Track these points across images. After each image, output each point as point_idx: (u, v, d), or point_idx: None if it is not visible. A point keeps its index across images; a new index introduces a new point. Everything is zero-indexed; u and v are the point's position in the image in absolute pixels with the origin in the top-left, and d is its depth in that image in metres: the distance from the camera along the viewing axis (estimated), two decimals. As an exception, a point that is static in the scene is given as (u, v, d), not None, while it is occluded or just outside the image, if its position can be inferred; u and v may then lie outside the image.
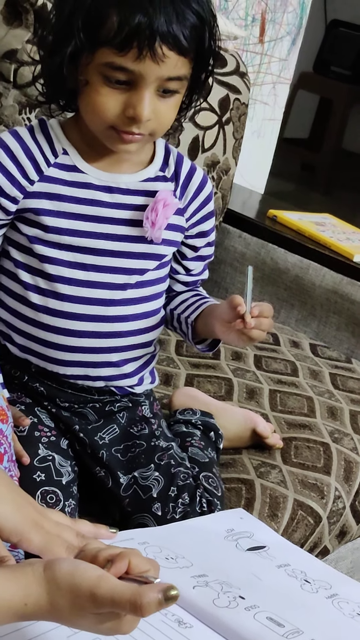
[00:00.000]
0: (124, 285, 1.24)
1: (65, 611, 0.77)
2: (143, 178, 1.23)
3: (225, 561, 1.05)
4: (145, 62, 1.07)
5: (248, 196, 2.40)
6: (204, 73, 1.17)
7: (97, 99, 1.11)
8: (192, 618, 0.93)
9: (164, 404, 1.48)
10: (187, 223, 1.28)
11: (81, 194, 1.20)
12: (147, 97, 1.10)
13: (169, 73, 1.10)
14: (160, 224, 1.21)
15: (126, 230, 1.22)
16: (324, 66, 5.68)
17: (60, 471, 1.19)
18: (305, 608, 0.99)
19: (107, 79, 1.10)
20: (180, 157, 1.27)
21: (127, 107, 1.11)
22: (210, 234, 1.33)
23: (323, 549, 1.48)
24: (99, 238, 1.21)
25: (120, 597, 0.75)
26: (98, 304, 1.23)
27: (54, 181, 1.19)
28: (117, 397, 1.29)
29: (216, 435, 1.39)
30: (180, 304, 1.33)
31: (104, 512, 1.26)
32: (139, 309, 1.26)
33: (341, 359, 1.92)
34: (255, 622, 0.93)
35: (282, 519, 1.37)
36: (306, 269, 2.08)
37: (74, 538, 0.89)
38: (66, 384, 1.26)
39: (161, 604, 0.74)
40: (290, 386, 1.71)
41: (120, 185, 1.21)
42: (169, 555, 1.02)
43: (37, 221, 1.20)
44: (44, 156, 1.19)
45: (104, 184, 1.21)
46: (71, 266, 1.21)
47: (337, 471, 1.49)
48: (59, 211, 1.19)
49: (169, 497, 1.23)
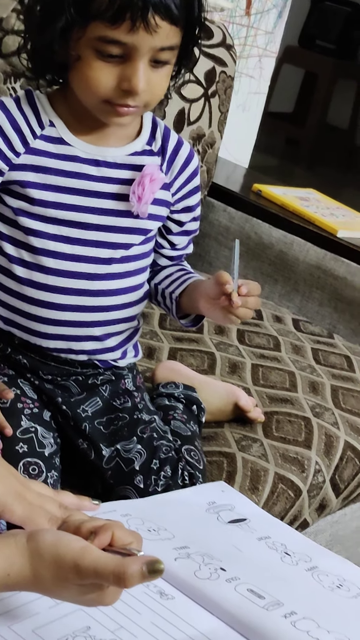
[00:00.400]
0: (109, 259, 1.23)
1: (48, 582, 0.77)
2: (130, 152, 1.22)
3: (207, 533, 1.06)
4: (139, 33, 1.07)
5: (232, 170, 2.39)
6: (192, 42, 1.17)
7: (90, 73, 1.10)
8: (174, 590, 0.94)
9: (146, 377, 1.48)
10: (172, 198, 1.28)
11: (67, 167, 1.19)
12: (142, 69, 1.09)
13: (162, 43, 1.09)
14: (147, 199, 1.21)
15: (112, 204, 1.22)
16: (309, 40, 5.67)
17: (43, 443, 1.19)
18: (285, 580, 1.00)
19: (99, 53, 1.09)
20: (167, 130, 1.27)
21: (122, 80, 1.10)
22: (196, 208, 1.32)
23: (303, 522, 1.49)
24: (85, 212, 1.20)
25: (104, 568, 0.75)
26: (82, 278, 1.22)
27: (40, 153, 1.19)
28: (100, 370, 1.29)
29: (198, 408, 1.40)
30: (165, 278, 1.33)
31: (86, 484, 1.27)
32: (124, 284, 1.26)
33: (323, 334, 1.93)
34: (236, 593, 0.94)
35: (262, 492, 1.38)
36: (290, 244, 2.09)
37: (56, 509, 0.89)
38: (49, 356, 1.26)
39: (145, 576, 0.75)
40: (272, 361, 1.72)
41: (107, 159, 1.21)
42: (151, 528, 1.02)
43: (23, 193, 1.19)
44: (30, 128, 1.18)
45: (90, 157, 1.20)
46: (56, 239, 1.20)
47: (318, 445, 1.50)
48: (45, 184, 1.19)
49: (151, 470, 1.23)
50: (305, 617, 0.92)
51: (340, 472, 1.53)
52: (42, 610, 0.85)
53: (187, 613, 0.91)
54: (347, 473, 1.54)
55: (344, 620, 0.94)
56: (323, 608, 0.95)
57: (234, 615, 0.91)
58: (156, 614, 0.89)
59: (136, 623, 0.87)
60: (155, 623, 0.88)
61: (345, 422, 1.58)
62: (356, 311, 2.02)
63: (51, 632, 0.84)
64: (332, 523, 1.67)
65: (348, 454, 1.54)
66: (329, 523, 1.66)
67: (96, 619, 0.86)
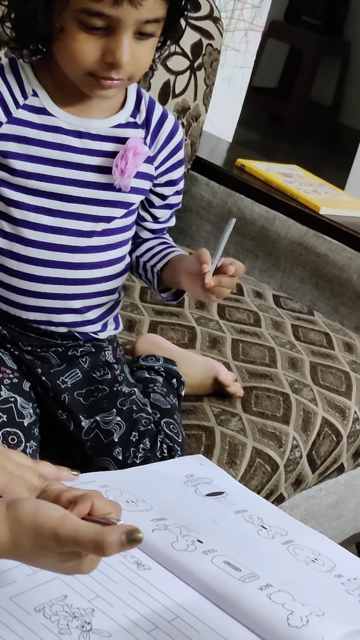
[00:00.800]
0: (90, 232, 1.23)
1: (28, 550, 0.78)
2: (114, 124, 1.22)
3: (185, 506, 1.07)
4: (123, 6, 1.05)
5: (216, 144, 2.38)
6: (178, 14, 1.16)
7: (73, 46, 1.09)
8: (151, 560, 0.94)
9: (127, 349, 1.48)
10: (156, 171, 1.27)
11: (50, 138, 1.18)
12: (126, 42, 1.08)
13: (147, 16, 1.08)
14: (130, 173, 1.20)
15: (94, 177, 1.21)
16: (295, 15, 5.65)
17: (22, 413, 1.19)
18: (261, 553, 1.00)
19: (83, 25, 1.07)
20: (152, 102, 1.26)
21: (106, 53, 1.09)
22: (179, 182, 1.32)
23: (279, 496, 1.50)
24: (67, 184, 1.20)
25: (83, 536, 0.75)
26: (63, 250, 1.22)
27: (23, 123, 1.18)
28: (80, 342, 1.29)
29: (178, 382, 1.40)
30: (147, 251, 1.32)
31: (65, 454, 1.27)
32: (105, 257, 1.26)
33: (303, 310, 1.94)
34: (212, 565, 0.94)
35: (240, 466, 1.39)
36: (272, 219, 2.09)
37: (35, 479, 0.89)
38: (29, 328, 1.25)
39: (124, 545, 0.75)
40: (252, 336, 1.73)
41: (90, 131, 1.20)
42: (130, 499, 1.03)
43: (5, 164, 1.18)
44: (13, 97, 1.17)
45: (73, 128, 1.19)
46: (37, 211, 1.20)
47: (296, 421, 1.51)
48: (27, 155, 1.18)
49: (130, 442, 1.24)
50: (281, 589, 0.93)
51: (317, 448, 1.54)
52: (19, 579, 0.86)
53: (164, 584, 0.92)
54: (323, 449, 1.55)
55: (318, 593, 0.95)
56: (298, 581, 0.96)
57: (210, 586, 0.92)
58: (133, 584, 0.90)
59: (113, 592, 0.88)
60: (132, 593, 0.89)
61: (323, 399, 1.59)
62: (336, 289, 2.02)
63: (28, 600, 0.84)
64: (308, 498, 1.69)
65: (325, 430, 1.55)
66: (304, 498, 1.67)
67: (73, 587, 0.87)
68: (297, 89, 5.59)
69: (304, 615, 0.90)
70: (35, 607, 0.83)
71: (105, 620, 0.84)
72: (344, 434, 1.59)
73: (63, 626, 0.82)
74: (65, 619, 0.83)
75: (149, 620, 0.86)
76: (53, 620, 0.83)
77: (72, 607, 0.84)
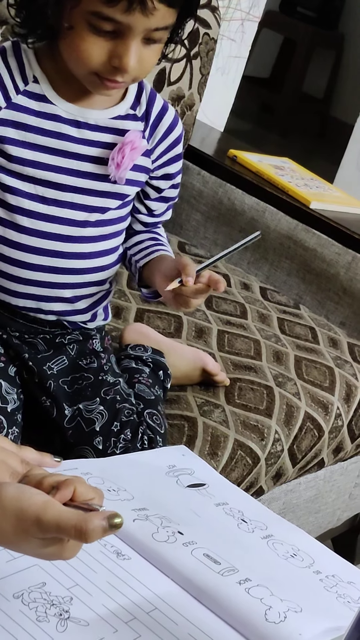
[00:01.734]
0: (83, 222, 1.22)
1: (9, 534, 0.77)
2: (113, 115, 1.21)
3: (166, 496, 1.07)
4: (135, 14, 1.04)
5: (208, 133, 2.38)
6: (187, 19, 1.15)
7: (81, 45, 1.08)
8: (131, 550, 0.94)
9: (113, 337, 1.48)
10: (152, 164, 1.27)
11: (48, 126, 1.18)
12: (134, 48, 1.08)
13: (157, 24, 1.07)
14: (126, 166, 1.20)
15: (91, 167, 1.20)
16: (290, 6, 5.63)
17: (7, 398, 1.19)
18: (241, 547, 1.00)
19: (92, 27, 1.07)
20: (153, 94, 1.25)
21: (113, 56, 1.08)
22: (176, 176, 1.31)
23: (258, 489, 1.50)
24: (62, 173, 1.19)
25: (66, 522, 0.75)
26: (56, 239, 1.21)
27: (22, 109, 1.17)
28: (68, 331, 1.29)
29: (165, 374, 1.40)
30: (135, 244, 1.32)
31: (46, 440, 1.26)
32: (97, 247, 1.25)
33: (290, 304, 1.94)
34: (192, 558, 0.94)
35: (221, 458, 1.39)
36: (262, 212, 2.08)
37: (18, 464, 0.89)
38: (18, 314, 1.25)
39: (105, 530, 0.75)
40: (238, 328, 1.73)
41: (89, 121, 1.19)
42: (111, 487, 1.03)
43: (1, 149, 1.17)
44: (13, 82, 1.16)
45: (72, 117, 1.18)
46: (32, 198, 1.19)
47: (279, 414, 1.51)
48: (24, 141, 1.17)
49: (111, 432, 1.23)
50: (260, 584, 0.93)
51: (299, 442, 1.54)
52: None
53: (143, 574, 0.91)
54: (305, 443, 1.55)
55: (296, 589, 0.95)
56: (277, 576, 0.96)
57: (190, 579, 0.92)
58: (112, 574, 0.90)
59: (92, 582, 0.88)
60: (111, 582, 0.89)
61: (306, 394, 1.60)
62: (323, 283, 2.03)
63: (7, 586, 0.84)
64: (287, 492, 1.69)
65: (307, 424, 1.56)
66: (283, 491, 1.68)
67: (52, 575, 0.87)
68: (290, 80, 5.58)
69: (281, 611, 0.90)
70: (13, 594, 0.83)
71: (83, 609, 0.84)
72: (325, 430, 1.59)
73: (41, 613, 0.82)
74: (43, 607, 0.83)
75: (127, 611, 0.86)
76: (31, 607, 0.82)
77: (50, 595, 0.84)
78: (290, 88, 5.57)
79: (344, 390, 1.67)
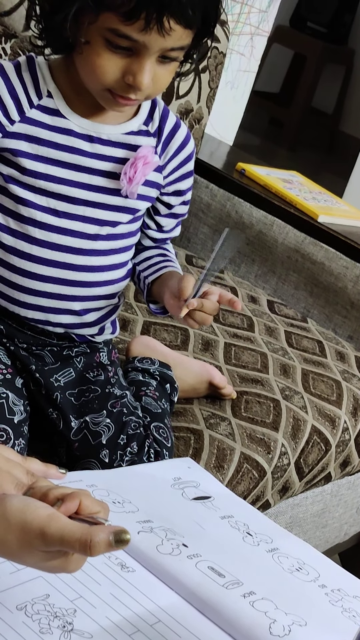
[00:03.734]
0: (94, 235, 1.23)
1: (13, 546, 0.77)
2: (126, 131, 1.21)
3: (171, 509, 1.06)
4: (151, 34, 1.04)
5: (217, 147, 2.39)
6: (204, 39, 1.14)
7: (96, 61, 1.08)
8: (135, 563, 0.94)
9: (119, 349, 1.48)
10: (164, 180, 1.27)
11: (61, 140, 1.18)
12: (148, 67, 1.08)
13: (173, 44, 1.07)
14: (137, 181, 1.20)
15: (102, 181, 1.21)
16: (300, 21, 5.64)
17: (13, 410, 1.19)
18: (246, 560, 1.00)
19: (109, 43, 1.07)
20: (166, 111, 1.26)
21: (127, 73, 1.08)
22: (186, 193, 1.31)
23: (265, 503, 1.50)
24: (74, 186, 1.20)
25: (70, 536, 0.75)
26: (67, 252, 1.22)
27: (35, 124, 1.17)
28: (75, 343, 1.29)
29: (172, 387, 1.39)
30: (144, 260, 1.32)
31: (52, 452, 1.26)
32: (107, 261, 1.25)
33: (297, 317, 1.93)
34: (196, 570, 0.94)
35: (227, 471, 1.38)
36: (270, 225, 2.08)
37: (23, 476, 0.88)
38: (26, 325, 1.25)
39: (111, 545, 0.75)
40: (245, 341, 1.72)
41: (102, 136, 1.20)
42: (116, 500, 1.02)
43: (15, 162, 1.18)
44: (27, 96, 1.17)
45: (85, 132, 1.19)
46: (44, 210, 1.20)
47: (285, 428, 1.51)
48: (37, 155, 1.18)
49: (117, 445, 1.23)
50: (264, 597, 0.93)
51: (306, 456, 1.53)
52: (1, 576, 0.85)
53: (147, 587, 0.91)
54: (312, 457, 1.55)
55: (301, 603, 0.95)
56: (282, 590, 0.96)
57: (194, 591, 0.92)
58: (116, 586, 0.90)
59: (95, 594, 0.88)
60: (115, 595, 0.88)
61: (314, 407, 1.59)
62: (331, 297, 2.02)
63: (10, 597, 0.84)
64: (293, 505, 1.68)
65: (314, 438, 1.55)
66: (290, 505, 1.67)
67: (56, 587, 0.86)
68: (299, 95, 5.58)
69: (286, 625, 0.90)
70: (17, 605, 0.83)
71: (87, 621, 0.84)
72: (332, 443, 1.59)
73: (44, 625, 0.82)
74: (46, 619, 0.83)
75: (131, 623, 0.85)
76: (34, 619, 0.82)
77: (54, 607, 0.84)
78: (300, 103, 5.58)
79: (351, 404, 1.67)
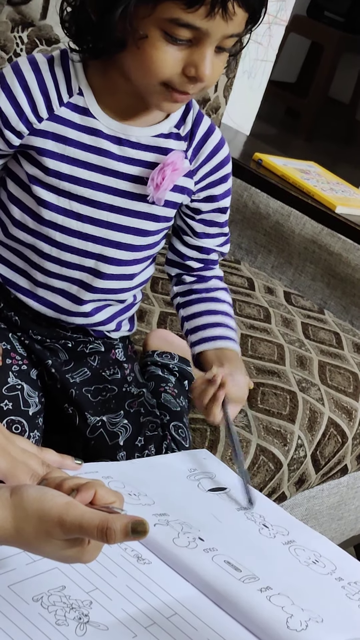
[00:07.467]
0: (117, 243, 1.19)
1: (30, 536, 0.77)
2: (156, 133, 1.16)
3: (187, 501, 1.06)
4: (215, 19, 1.00)
5: (234, 137, 2.37)
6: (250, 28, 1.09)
7: (154, 55, 1.03)
8: (151, 554, 0.94)
9: (135, 339, 1.47)
10: (195, 186, 1.22)
11: (88, 141, 1.14)
12: (210, 56, 1.03)
13: (233, 30, 1.03)
14: (165, 187, 1.15)
15: (129, 186, 1.16)
16: (317, 10, 5.61)
17: (28, 402, 1.18)
18: (262, 553, 1.00)
19: (167, 35, 1.01)
20: (200, 115, 1.20)
21: (188, 65, 1.03)
22: (221, 199, 1.25)
23: (281, 495, 1.49)
24: (99, 190, 1.15)
25: (89, 523, 0.75)
26: (87, 257, 1.18)
27: (63, 122, 1.13)
28: (90, 339, 1.27)
29: (190, 384, 1.38)
30: (192, 318, 1.29)
31: (68, 445, 1.26)
32: (127, 270, 1.22)
33: (314, 309, 1.92)
34: (213, 564, 0.94)
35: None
36: (287, 215, 2.07)
37: (39, 466, 0.89)
38: (42, 316, 1.23)
39: (128, 534, 0.74)
40: (262, 332, 1.72)
41: (131, 138, 1.15)
42: (132, 492, 1.02)
43: (39, 161, 1.14)
44: (58, 93, 1.12)
45: (113, 133, 1.14)
46: (66, 214, 1.16)
47: (302, 420, 1.50)
48: (63, 155, 1.13)
49: (135, 447, 1.22)
50: (281, 592, 0.92)
51: (322, 448, 1.53)
52: (18, 567, 0.85)
53: (163, 579, 0.91)
54: (328, 449, 1.54)
55: (318, 597, 0.94)
56: (298, 584, 0.95)
57: (210, 584, 0.91)
58: (132, 578, 0.89)
59: (111, 585, 0.87)
60: (131, 587, 0.88)
61: (330, 399, 1.58)
62: (348, 288, 2.01)
63: (26, 589, 0.83)
64: (309, 498, 1.68)
65: (331, 430, 1.54)
66: (306, 498, 1.66)
67: (72, 579, 0.86)
68: (316, 85, 5.55)
69: (303, 620, 0.89)
70: (33, 597, 0.83)
71: (102, 613, 0.84)
72: (349, 436, 1.58)
73: (60, 617, 0.82)
74: (62, 610, 0.82)
75: (147, 616, 0.85)
76: (50, 611, 0.82)
77: (70, 599, 0.84)
78: (317, 92, 5.55)
79: (368, 396, 1.66)
